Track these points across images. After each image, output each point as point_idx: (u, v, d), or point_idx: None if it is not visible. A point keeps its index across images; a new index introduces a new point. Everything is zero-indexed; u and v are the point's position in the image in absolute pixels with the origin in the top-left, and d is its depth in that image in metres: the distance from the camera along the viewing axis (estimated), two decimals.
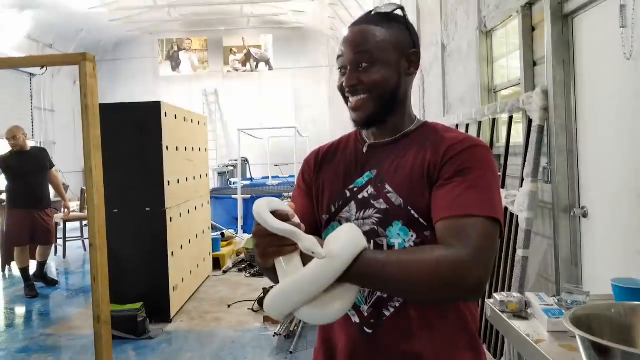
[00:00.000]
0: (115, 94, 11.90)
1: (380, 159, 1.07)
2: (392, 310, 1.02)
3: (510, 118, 3.02)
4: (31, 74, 10.33)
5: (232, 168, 10.90)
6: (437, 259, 0.87)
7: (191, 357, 3.50)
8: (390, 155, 1.07)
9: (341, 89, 1.08)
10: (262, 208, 0.90)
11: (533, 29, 2.93)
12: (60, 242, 6.84)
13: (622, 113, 2.14)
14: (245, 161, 10.26)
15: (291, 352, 3.46)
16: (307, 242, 0.88)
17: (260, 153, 11.43)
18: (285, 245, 0.90)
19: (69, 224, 6.93)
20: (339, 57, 1.07)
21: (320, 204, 1.12)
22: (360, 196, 1.06)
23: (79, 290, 5.33)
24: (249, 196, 8.00)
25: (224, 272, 5.79)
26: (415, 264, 0.88)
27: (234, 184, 9.58)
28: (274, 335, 3.71)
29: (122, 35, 12.60)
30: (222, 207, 8.25)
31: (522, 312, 1.50)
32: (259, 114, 12.57)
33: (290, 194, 7.26)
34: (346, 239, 0.93)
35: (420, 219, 0.99)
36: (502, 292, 1.58)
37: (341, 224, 1.07)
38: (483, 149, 1.00)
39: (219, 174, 11.12)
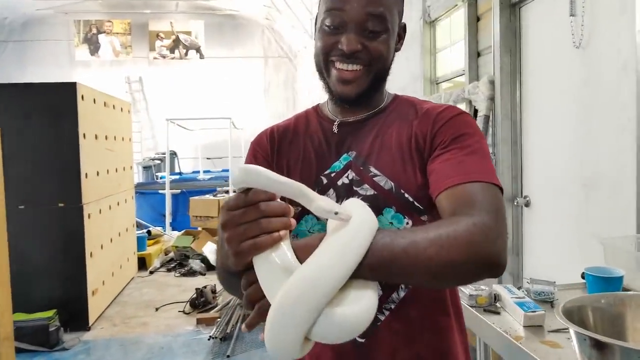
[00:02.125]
0: (24, 79, 10.86)
1: (357, 138, 0.92)
2: (387, 313, 0.87)
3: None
4: None
5: (158, 161, 10.33)
6: (467, 229, 0.67)
7: None
8: (369, 133, 0.92)
9: (325, 51, 0.88)
10: (253, 166, 0.66)
11: (478, 19, 2.89)
12: None
13: (569, 102, 2.14)
14: (173, 154, 9.75)
15: (228, 356, 3.22)
16: (322, 200, 0.66)
17: (190, 146, 10.93)
18: (272, 231, 0.63)
19: None
20: (330, 9, 0.86)
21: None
22: (339, 182, 0.90)
23: None
24: (179, 191, 7.60)
25: (151, 272, 5.43)
26: (447, 239, 0.67)
27: (161, 178, 9.07)
28: (208, 339, 3.48)
29: (32, 14, 11.50)
30: (148, 203, 7.78)
31: (491, 307, 1.42)
32: (189, 105, 12.00)
33: (225, 188, 6.99)
34: (362, 206, 0.73)
35: (416, 202, 0.86)
36: (469, 285, 1.46)
37: (317, 217, 0.89)
38: (470, 116, 0.91)
39: (144, 167, 10.49)
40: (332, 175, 0.90)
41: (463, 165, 0.80)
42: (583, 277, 1.56)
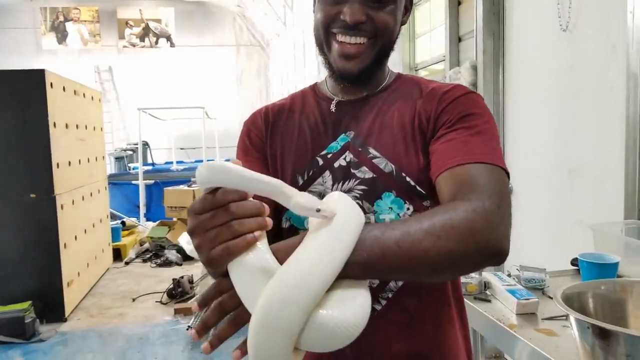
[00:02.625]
0: None
1: (356, 118, 0.86)
2: (383, 302, 0.82)
3: None
4: None
5: (130, 152, 10.11)
6: (466, 217, 0.62)
7: (92, 359, 3.10)
8: (369, 112, 0.86)
9: (326, 23, 0.82)
10: (220, 163, 0.58)
11: (459, 3, 2.89)
12: None
13: (555, 87, 2.14)
14: (146, 145, 9.55)
15: None
16: (302, 196, 0.58)
17: (162, 136, 10.72)
18: (246, 233, 0.57)
19: None
20: None
21: (281, 175, 0.87)
22: (336, 164, 0.85)
23: None
24: (152, 182, 7.47)
25: (126, 263, 5.33)
26: (443, 228, 0.61)
27: (133, 169, 8.87)
28: (187, 329, 3.44)
29: None
30: (121, 194, 7.63)
31: (481, 294, 1.40)
32: (161, 94, 11.76)
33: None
34: (346, 201, 0.66)
35: (417, 186, 0.80)
36: None
37: None
38: (479, 96, 0.84)
39: (115, 158, 10.24)
40: (329, 156, 0.85)
41: (467, 146, 0.74)
42: (573, 264, 1.55)
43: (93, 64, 11.82)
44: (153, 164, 9.84)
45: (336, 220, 0.60)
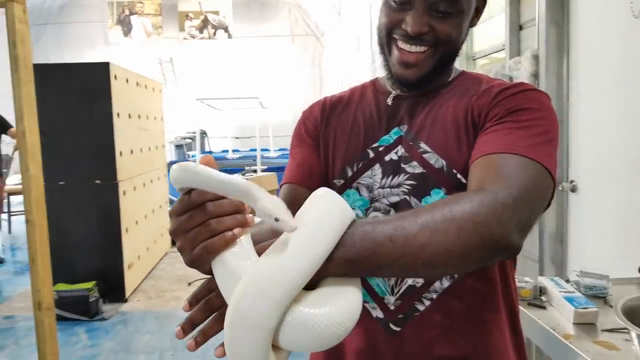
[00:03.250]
0: (62, 60, 11.06)
1: (411, 112, 0.85)
2: (427, 303, 0.80)
3: None
4: None
5: (189, 140, 10.44)
6: (471, 209, 0.58)
7: (149, 339, 3.26)
8: (424, 107, 0.84)
9: (388, 28, 0.80)
10: (190, 164, 0.58)
11: None
12: (4, 216, 6.38)
13: (624, 78, 2.00)
14: (203, 133, 9.83)
15: None
16: (269, 202, 0.55)
17: (219, 125, 10.99)
18: (224, 231, 0.56)
19: (13, 197, 6.47)
20: None
21: (331, 165, 0.88)
22: (387, 158, 0.83)
23: (26, 267, 4.93)
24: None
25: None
26: (442, 221, 0.58)
27: (192, 157, 9.16)
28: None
29: None
30: None
31: (536, 300, 1.33)
32: (218, 84, 12.05)
33: (253, 167, 7.02)
34: (330, 196, 0.62)
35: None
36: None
37: (359, 192, 0.84)
38: (545, 95, 0.78)
39: (175, 146, 10.63)
40: (380, 149, 0.84)
41: (508, 137, 0.70)
42: None
43: (155, 55, 12.26)
44: (211, 152, 10.13)
45: (315, 216, 0.58)
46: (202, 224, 0.56)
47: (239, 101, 9.00)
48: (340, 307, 0.55)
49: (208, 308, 0.58)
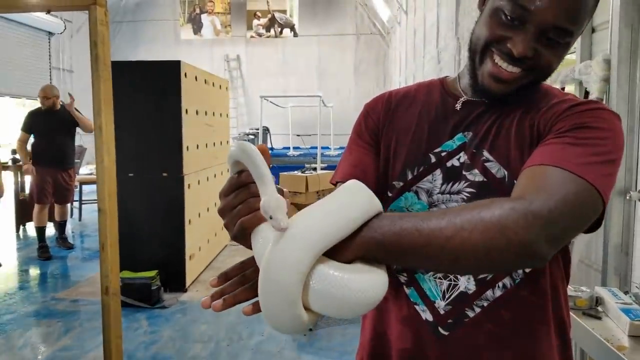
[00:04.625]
0: (136, 57, 11.72)
1: (477, 120, 0.84)
2: (477, 310, 0.80)
3: (562, 89, 2.74)
4: (50, 33, 10.22)
5: (252, 137, 10.73)
6: (501, 213, 0.60)
7: (206, 329, 3.38)
8: (490, 115, 0.83)
9: (488, 41, 0.78)
10: (246, 144, 0.63)
11: None
12: (76, 204, 6.82)
13: None
14: (266, 130, 10.06)
15: (311, 329, 3.30)
16: (271, 200, 0.57)
17: (281, 122, 11.20)
18: (259, 208, 0.61)
19: (85, 187, 6.89)
20: (517, 2, 0.73)
21: (391, 166, 0.87)
22: (449, 164, 0.83)
23: (93, 254, 5.27)
24: (270, 166, 7.81)
25: None
26: (470, 221, 0.60)
27: None
28: None
29: None
30: None
31: (591, 310, 1.30)
32: (281, 82, 12.29)
33: (313, 165, 7.11)
34: (360, 185, 0.66)
35: None
36: (569, 286, 1.36)
37: (418, 196, 0.84)
38: (615, 116, 0.76)
39: None
40: (443, 154, 0.83)
41: (561, 152, 0.69)
42: None
43: (223, 53, 12.68)
44: (272, 149, 10.34)
45: (345, 189, 0.63)
46: (244, 202, 0.61)
47: (302, 99, 9.14)
48: (366, 278, 0.58)
49: (242, 281, 0.63)
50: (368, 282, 0.58)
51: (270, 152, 9.62)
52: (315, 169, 6.79)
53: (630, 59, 2.28)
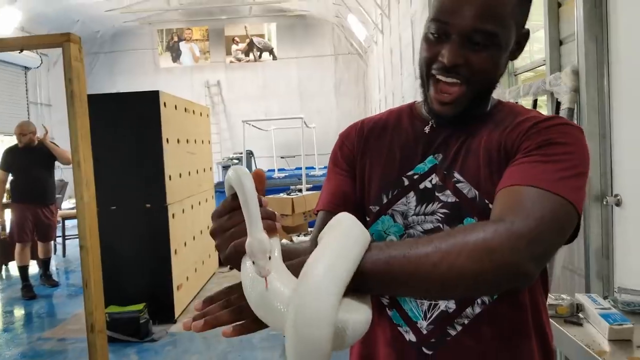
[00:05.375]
0: (115, 87, 11.71)
1: (446, 142, 0.86)
2: (459, 328, 0.82)
3: (535, 102, 2.81)
4: (26, 67, 10.20)
5: (237, 161, 10.73)
6: (485, 236, 0.61)
7: None
8: (458, 137, 0.86)
9: (427, 63, 0.82)
10: (243, 172, 0.62)
11: (559, 5, 2.71)
12: (59, 240, 6.71)
13: None
14: (250, 154, 10.07)
15: None
16: (254, 240, 0.57)
17: (265, 145, 11.23)
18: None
19: (68, 222, 6.79)
20: (435, 19, 0.79)
21: (367, 191, 0.90)
22: (421, 186, 0.86)
23: (79, 290, 5.16)
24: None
25: (231, 268, 5.60)
26: (455, 245, 0.61)
27: None
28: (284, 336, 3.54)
29: (120, 26, 12.39)
30: None
31: (572, 317, 1.31)
32: (263, 105, 12.36)
33: (299, 186, 7.12)
34: (350, 217, 0.66)
35: None
36: (550, 294, 1.38)
37: (394, 219, 0.86)
38: (578, 130, 0.79)
39: (223, 167, 10.94)
40: (415, 177, 0.86)
41: (533, 170, 0.71)
42: None
43: (204, 79, 12.74)
44: None
45: (344, 226, 0.63)
46: (238, 225, 0.62)
47: (284, 121, 9.19)
48: (359, 319, 0.58)
49: (226, 305, 0.61)
50: (360, 324, 0.58)
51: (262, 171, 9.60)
52: (300, 190, 6.80)
53: (597, 69, 2.35)
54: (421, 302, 0.84)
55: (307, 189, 6.87)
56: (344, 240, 0.61)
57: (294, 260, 0.63)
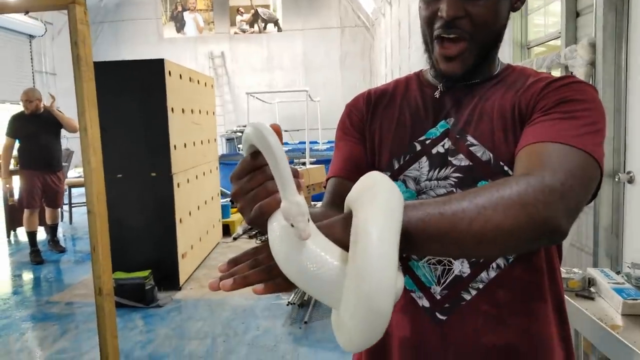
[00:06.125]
0: (119, 57, 11.60)
1: (457, 105, 0.86)
2: (473, 292, 0.81)
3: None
4: (30, 36, 10.10)
5: (240, 134, 10.69)
6: (519, 191, 0.59)
7: (202, 326, 3.38)
8: (470, 100, 0.85)
9: (428, 22, 0.82)
10: (264, 127, 0.57)
11: None
12: (66, 207, 6.76)
13: None
14: None
15: (305, 322, 3.32)
16: (292, 203, 0.53)
17: (269, 118, 11.16)
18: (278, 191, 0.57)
19: (74, 190, 6.83)
20: None
21: (377, 158, 0.89)
22: (434, 151, 0.85)
23: (86, 257, 5.23)
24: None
25: (234, 239, 5.68)
26: (490, 201, 0.58)
27: (241, 151, 9.35)
28: (287, 304, 3.59)
29: None
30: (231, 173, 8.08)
31: (584, 291, 1.31)
32: (267, 78, 12.25)
33: (302, 160, 7.10)
34: (382, 177, 0.60)
35: None
36: (561, 268, 1.37)
37: (406, 184, 0.85)
38: (592, 87, 0.78)
39: (227, 140, 10.91)
40: (427, 142, 0.85)
41: (554, 127, 0.70)
42: None
43: (207, 50, 12.58)
44: None
45: (384, 186, 0.58)
46: (261, 185, 0.58)
47: (288, 94, 9.11)
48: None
49: (254, 265, 0.58)
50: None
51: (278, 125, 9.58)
52: (304, 163, 6.78)
53: (615, 42, 2.30)
54: (435, 267, 0.83)
55: (311, 163, 6.85)
56: (388, 201, 0.56)
57: (324, 222, 0.60)
